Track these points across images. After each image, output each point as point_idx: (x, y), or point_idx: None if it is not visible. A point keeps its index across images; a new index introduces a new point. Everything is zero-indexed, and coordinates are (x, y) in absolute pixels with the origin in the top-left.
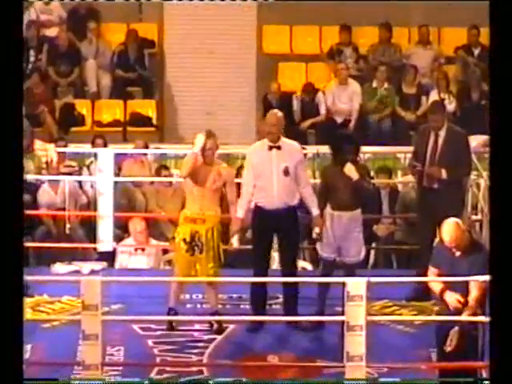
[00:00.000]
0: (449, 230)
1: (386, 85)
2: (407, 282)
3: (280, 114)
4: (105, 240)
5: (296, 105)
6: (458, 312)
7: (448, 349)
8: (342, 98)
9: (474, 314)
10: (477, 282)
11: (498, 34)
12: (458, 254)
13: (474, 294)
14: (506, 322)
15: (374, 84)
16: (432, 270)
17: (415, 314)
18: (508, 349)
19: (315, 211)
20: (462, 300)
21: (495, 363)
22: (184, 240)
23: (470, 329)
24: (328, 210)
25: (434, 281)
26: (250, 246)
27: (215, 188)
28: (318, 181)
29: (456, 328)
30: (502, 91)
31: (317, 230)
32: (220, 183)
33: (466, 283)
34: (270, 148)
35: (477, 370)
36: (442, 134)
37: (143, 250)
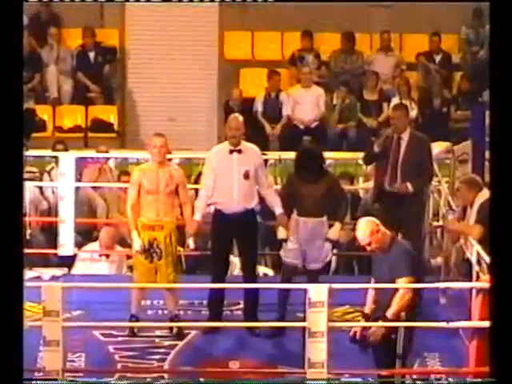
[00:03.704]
0: (361, 227)
1: (347, 100)
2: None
3: (241, 118)
4: (66, 244)
5: (259, 105)
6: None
7: (370, 338)
8: (306, 102)
9: (398, 316)
10: (399, 283)
11: (498, 34)
12: (379, 255)
13: (397, 294)
14: (507, 326)
15: (334, 101)
16: (372, 279)
17: None
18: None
19: (278, 210)
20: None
21: (497, 366)
22: (140, 246)
23: (390, 331)
24: (294, 215)
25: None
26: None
27: (169, 192)
28: (279, 186)
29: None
30: (502, 92)
31: (281, 232)
32: (173, 186)
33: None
34: (231, 152)
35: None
36: (405, 138)
37: (107, 256)
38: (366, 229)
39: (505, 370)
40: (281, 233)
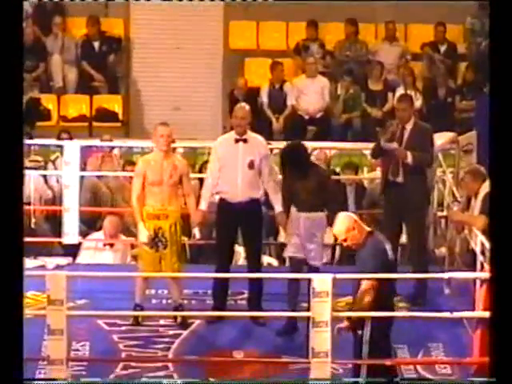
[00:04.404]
0: (338, 223)
1: (351, 90)
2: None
3: (247, 107)
4: (70, 233)
5: (264, 96)
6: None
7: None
8: (311, 93)
9: (361, 310)
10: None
11: (498, 34)
12: (357, 250)
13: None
14: (507, 321)
15: (339, 91)
16: None
17: None
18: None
19: (278, 208)
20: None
21: (497, 361)
22: (148, 236)
23: (357, 324)
24: (293, 210)
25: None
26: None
27: (173, 182)
28: None
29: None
30: (502, 90)
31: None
32: (177, 177)
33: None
34: (237, 141)
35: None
36: (409, 127)
37: (112, 245)
38: (342, 225)
39: (505, 362)
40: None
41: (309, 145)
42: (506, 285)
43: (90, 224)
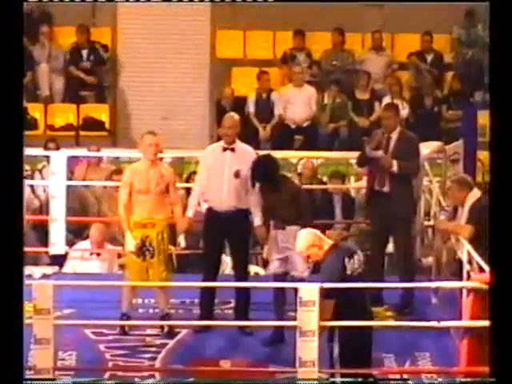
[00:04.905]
0: (299, 239)
1: (338, 99)
2: None
3: (236, 116)
4: (57, 243)
5: (251, 106)
6: None
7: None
8: (298, 102)
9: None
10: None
11: (498, 34)
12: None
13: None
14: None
15: (325, 100)
16: None
17: None
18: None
19: (257, 221)
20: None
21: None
22: (135, 245)
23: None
24: (272, 223)
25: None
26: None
27: (159, 191)
28: None
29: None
30: (502, 92)
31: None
32: (163, 185)
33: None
34: (224, 149)
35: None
36: (394, 136)
37: (98, 254)
38: (302, 242)
39: (504, 369)
40: (264, 252)
41: (277, 157)
42: (506, 288)
43: (76, 233)
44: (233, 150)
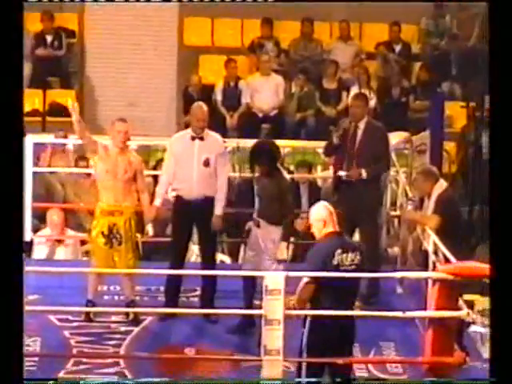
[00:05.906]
0: (314, 207)
1: (305, 88)
2: None
3: (205, 107)
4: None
5: (219, 94)
6: None
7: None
8: (265, 90)
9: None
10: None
11: (498, 34)
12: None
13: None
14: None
15: (293, 89)
16: None
17: None
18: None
19: (217, 211)
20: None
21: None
22: (102, 233)
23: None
24: (250, 223)
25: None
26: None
27: (127, 178)
28: (237, 174)
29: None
30: (502, 92)
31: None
32: (131, 173)
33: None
34: (193, 138)
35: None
36: (362, 126)
37: (60, 241)
38: (318, 212)
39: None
40: None
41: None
42: (506, 288)
43: (42, 220)
44: (201, 138)
